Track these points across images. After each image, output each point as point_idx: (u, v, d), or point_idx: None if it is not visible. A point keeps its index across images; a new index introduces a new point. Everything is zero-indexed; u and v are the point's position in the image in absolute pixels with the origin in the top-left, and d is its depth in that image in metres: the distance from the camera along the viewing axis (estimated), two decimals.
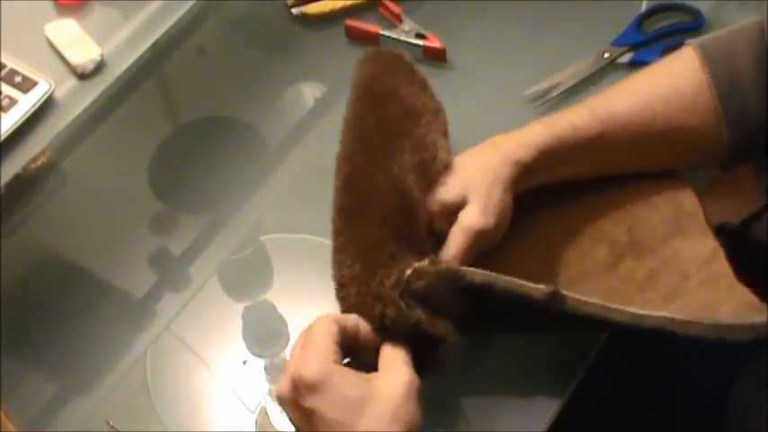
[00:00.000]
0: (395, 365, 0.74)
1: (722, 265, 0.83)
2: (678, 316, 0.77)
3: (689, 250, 0.84)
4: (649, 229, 0.86)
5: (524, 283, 0.77)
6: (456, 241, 0.80)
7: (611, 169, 0.88)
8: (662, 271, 0.83)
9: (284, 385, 0.73)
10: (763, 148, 0.86)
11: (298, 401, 0.72)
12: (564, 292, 0.77)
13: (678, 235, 0.85)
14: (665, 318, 0.77)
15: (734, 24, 0.87)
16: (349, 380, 0.72)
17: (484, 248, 0.82)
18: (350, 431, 0.70)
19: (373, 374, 0.74)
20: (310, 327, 0.75)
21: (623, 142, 0.85)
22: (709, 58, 0.85)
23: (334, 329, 0.74)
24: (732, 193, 0.97)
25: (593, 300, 0.77)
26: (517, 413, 0.84)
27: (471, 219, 0.81)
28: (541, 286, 0.77)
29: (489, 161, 0.82)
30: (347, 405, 0.71)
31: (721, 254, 0.84)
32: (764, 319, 0.77)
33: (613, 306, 0.77)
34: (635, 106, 0.85)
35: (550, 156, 0.83)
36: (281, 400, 0.74)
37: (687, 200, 0.87)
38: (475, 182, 0.82)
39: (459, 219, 0.81)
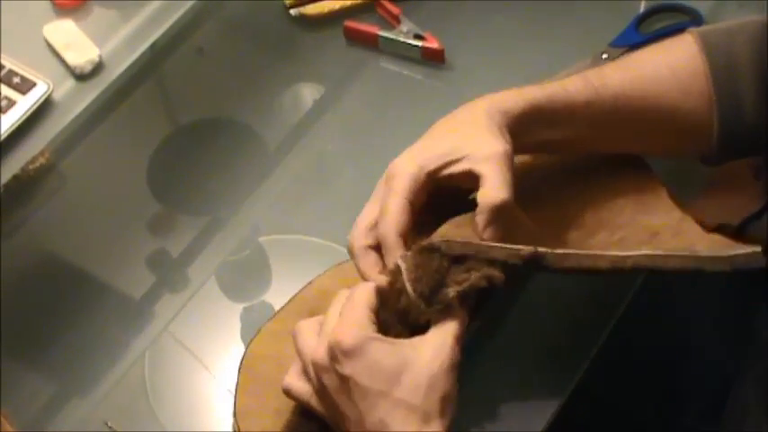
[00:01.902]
0: (439, 332, 0.73)
1: (692, 225, 0.83)
2: (658, 252, 0.78)
3: (657, 220, 0.85)
4: (615, 210, 0.86)
5: (504, 246, 0.76)
6: (487, 226, 0.75)
7: (598, 144, 0.86)
8: (633, 235, 0.83)
9: (320, 350, 0.72)
10: (750, 149, 0.86)
11: (334, 367, 0.71)
12: (542, 249, 0.76)
13: (645, 211, 0.85)
14: (645, 255, 0.77)
15: (736, 20, 0.87)
16: (385, 348, 0.71)
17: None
18: (384, 400, 0.70)
19: (416, 339, 0.73)
20: (352, 294, 0.74)
21: (614, 114, 0.83)
22: (708, 47, 0.84)
23: (372, 300, 0.74)
24: (731, 195, 0.97)
25: (572, 251, 0.77)
26: (516, 412, 0.83)
27: (491, 196, 0.75)
28: (521, 247, 0.76)
29: (478, 111, 0.78)
30: (382, 373, 0.70)
31: (690, 220, 0.84)
32: (742, 251, 0.78)
33: (593, 252, 0.77)
34: (628, 80, 0.83)
35: (539, 113, 0.80)
36: (315, 365, 0.73)
37: (650, 183, 0.88)
38: (472, 138, 0.77)
39: (479, 200, 0.75)
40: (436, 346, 0.72)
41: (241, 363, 0.86)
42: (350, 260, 0.79)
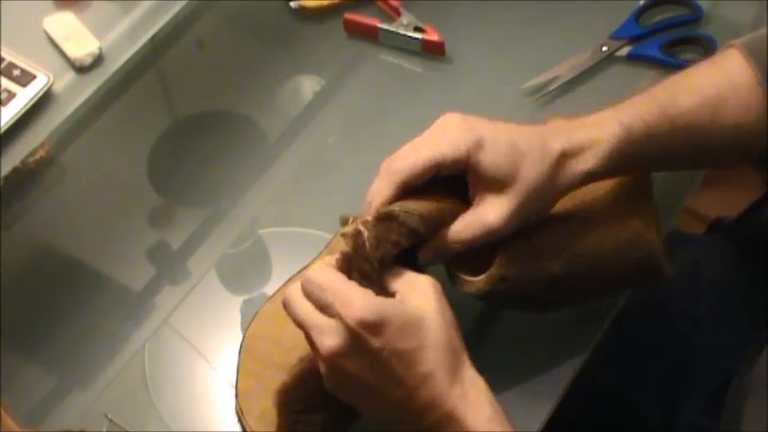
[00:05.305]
0: (410, 282, 0.75)
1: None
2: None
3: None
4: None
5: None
6: (472, 231, 0.78)
7: (660, 166, 0.87)
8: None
9: (336, 341, 0.71)
10: None
11: (362, 349, 0.71)
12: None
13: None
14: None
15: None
16: (400, 307, 0.72)
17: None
18: (422, 352, 0.71)
19: (414, 298, 0.74)
20: (315, 279, 0.73)
21: (686, 141, 0.83)
22: (755, 56, 0.84)
23: (336, 273, 0.74)
24: (730, 186, 0.97)
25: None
26: (513, 410, 0.83)
27: (494, 219, 0.78)
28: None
29: (553, 165, 0.78)
30: (411, 329, 0.71)
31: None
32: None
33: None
34: (699, 104, 0.83)
35: (623, 160, 0.81)
36: (335, 356, 0.72)
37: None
38: (524, 175, 0.77)
39: (482, 208, 0.78)
40: (425, 289, 0.74)
41: (241, 345, 0.87)
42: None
